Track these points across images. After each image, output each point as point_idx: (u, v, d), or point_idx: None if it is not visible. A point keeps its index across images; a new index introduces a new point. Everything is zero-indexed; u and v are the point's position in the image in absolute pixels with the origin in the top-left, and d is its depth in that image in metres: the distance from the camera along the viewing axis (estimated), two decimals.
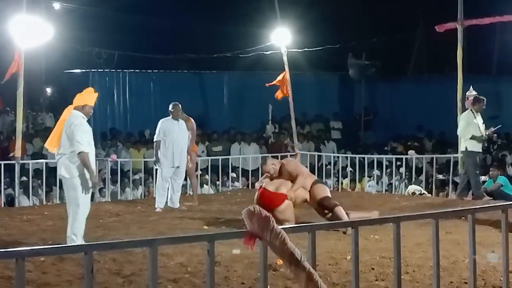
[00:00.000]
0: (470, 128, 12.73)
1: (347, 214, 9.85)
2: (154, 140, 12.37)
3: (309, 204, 10.26)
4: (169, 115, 12.39)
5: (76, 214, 8.54)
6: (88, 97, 8.95)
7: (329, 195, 10.28)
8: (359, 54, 24.54)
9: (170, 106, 12.44)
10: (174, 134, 12.21)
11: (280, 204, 9.82)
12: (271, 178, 10.20)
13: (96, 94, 9.12)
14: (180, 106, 12.43)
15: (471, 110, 12.98)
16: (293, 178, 10.08)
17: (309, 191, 10.17)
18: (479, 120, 12.87)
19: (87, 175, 8.49)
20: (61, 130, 8.69)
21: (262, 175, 10.72)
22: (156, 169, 12.67)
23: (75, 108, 8.83)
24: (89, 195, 8.75)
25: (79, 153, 8.47)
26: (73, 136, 8.50)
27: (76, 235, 8.54)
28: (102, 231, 9.61)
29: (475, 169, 12.85)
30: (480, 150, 12.89)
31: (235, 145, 20.56)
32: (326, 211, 10.08)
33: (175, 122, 12.32)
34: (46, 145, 9.05)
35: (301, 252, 3.53)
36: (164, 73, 24.41)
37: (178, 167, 12.25)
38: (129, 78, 22.97)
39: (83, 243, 8.41)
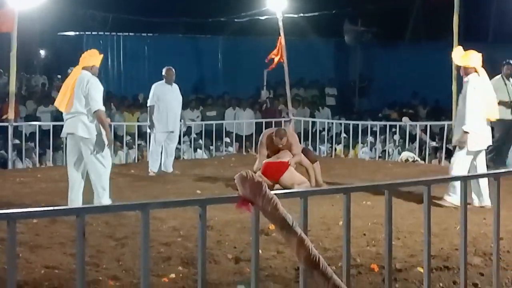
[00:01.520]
0: (498, 94, 12.33)
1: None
2: (148, 105, 12.32)
3: None
4: (163, 79, 12.34)
5: (102, 170, 8.61)
6: (95, 58, 8.99)
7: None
8: (355, 20, 24.42)
9: (164, 70, 12.39)
10: (168, 99, 12.18)
11: (284, 171, 10.07)
12: (268, 156, 10.45)
13: (102, 56, 9.16)
14: (173, 70, 12.38)
15: (501, 75, 12.83)
16: (291, 150, 10.42)
17: None
18: (509, 86, 12.63)
19: (103, 132, 8.60)
20: (72, 90, 8.67)
21: (256, 143, 10.81)
22: (150, 134, 12.65)
23: (83, 69, 8.83)
24: (109, 151, 8.82)
25: (95, 111, 8.52)
26: (89, 94, 8.56)
27: (104, 190, 8.63)
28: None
29: (506, 137, 12.41)
30: (510, 117, 12.40)
31: (229, 110, 20.54)
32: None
33: (169, 86, 12.28)
34: (56, 105, 9.01)
35: (293, 218, 3.54)
36: (158, 36, 24.28)
37: (172, 131, 12.24)
38: (124, 41, 22.85)
39: (109, 198, 8.54)
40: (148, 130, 12.76)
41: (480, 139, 8.91)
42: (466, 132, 8.79)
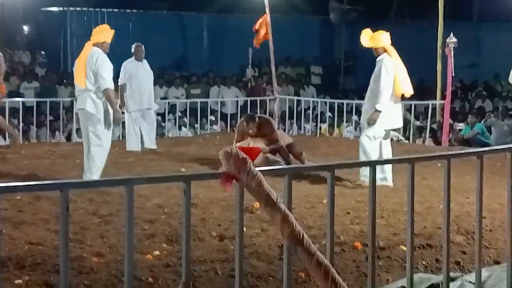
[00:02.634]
0: None
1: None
2: (119, 83, 12.00)
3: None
4: (132, 57, 12.21)
5: (98, 149, 8.69)
6: (107, 34, 9.01)
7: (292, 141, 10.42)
8: None
9: (133, 47, 12.27)
10: (140, 76, 12.06)
11: (254, 157, 9.82)
12: (243, 138, 10.23)
13: (113, 31, 9.12)
14: (143, 47, 12.25)
15: None
16: (268, 137, 10.14)
17: None
18: None
19: (111, 111, 8.68)
20: (84, 66, 8.71)
21: (237, 131, 10.57)
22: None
23: (94, 45, 8.85)
24: (110, 132, 8.91)
25: (104, 89, 8.59)
26: (99, 72, 8.62)
27: (95, 169, 8.69)
28: (78, 171, 9.57)
29: None
30: None
31: (214, 88, 20.49)
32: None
33: (139, 63, 12.17)
34: (76, 81, 9.00)
35: (277, 195, 3.54)
36: (143, 13, 24.12)
37: (147, 108, 12.16)
38: (108, 18, 22.64)
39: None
40: (121, 110, 12.64)
41: (392, 118, 8.97)
42: (378, 111, 8.83)
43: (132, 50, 12.23)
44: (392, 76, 8.85)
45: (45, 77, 20.82)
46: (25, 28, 27.71)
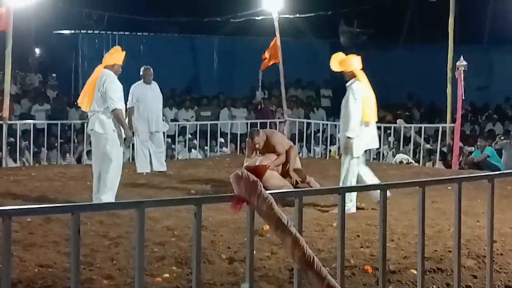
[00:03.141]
0: None
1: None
2: (128, 106, 11.83)
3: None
4: (141, 79, 12.25)
5: (108, 169, 8.73)
6: (117, 56, 9.11)
7: (300, 167, 10.25)
8: (350, 21, 24.44)
9: (141, 70, 12.30)
10: (148, 99, 12.09)
11: (262, 174, 9.70)
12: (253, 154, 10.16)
13: (124, 53, 9.21)
14: (151, 70, 12.30)
15: None
16: (275, 151, 10.02)
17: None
18: None
19: (121, 131, 8.78)
20: (93, 89, 8.85)
21: (247, 147, 10.51)
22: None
23: (105, 67, 8.98)
24: (121, 151, 8.98)
25: (113, 110, 8.68)
26: (107, 93, 8.71)
27: (109, 189, 8.71)
28: (89, 193, 9.59)
29: None
30: None
31: (224, 110, 20.53)
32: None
33: (148, 86, 12.20)
34: (79, 103, 9.22)
35: (287, 218, 3.54)
36: (154, 35, 24.26)
37: (155, 132, 12.18)
38: (119, 40, 22.78)
39: (113, 199, 8.58)
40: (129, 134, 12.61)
41: (364, 143, 8.89)
42: (350, 138, 8.78)
43: (141, 73, 12.27)
44: (360, 101, 8.79)
45: (56, 100, 20.94)
46: (37, 50, 27.93)
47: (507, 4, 18.91)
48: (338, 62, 9.07)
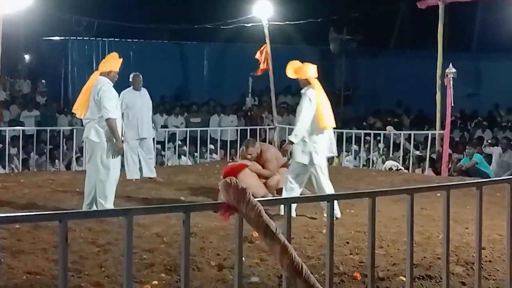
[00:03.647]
0: None
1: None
2: None
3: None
4: (131, 86, 12.23)
5: (106, 178, 8.68)
6: (114, 63, 9.03)
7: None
8: (340, 28, 24.48)
9: (131, 77, 12.26)
10: (137, 105, 12.08)
11: (239, 172, 9.79)
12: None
13: (121, 60, 9.14)
14: (140, 76, 12.28)
15: None
16: (265, 167, 10.05)
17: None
18: None
19: (114, 141, 8.72)
20: (88, 96, 8.81)
21: (240, 155, 10.53)
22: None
23: (101, 74, 8.93)
24: (119, 159, 8.93)
25: (106, 119, 8.64)
26: (101, 102, 8.67)
27: (105, 199, 8.65)
28: (78, 200, 9.57)
29: None
30: None
31: (214, 117, 20.53)
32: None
33: (137, 93, 12.18)
34: (74, 110, 9.17)
35: (276, 225, 3.54)
36: (144, 42, 24.25)
37: (144, 138, 12.17)
38: (109, 47, 22.75)
39: (112, 207, 8.52)
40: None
41: (323, 151, 8.84)
42: (291, 142, 8.82)
43: (130, 79, 12.25)
44: (314, 108, 8.79)
45: (45, 106, 20.88)
46: (27, 56, 27.86)
47: (496, 12, 19.02)
48: (293, 69, 9.14)
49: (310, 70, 9.10)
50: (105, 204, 8.64)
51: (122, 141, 10.54)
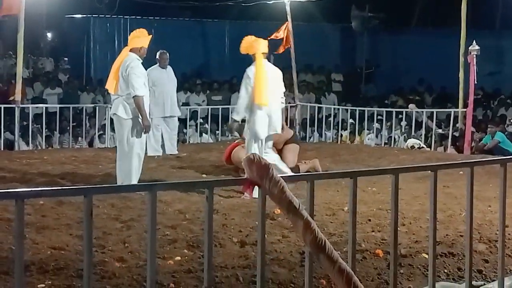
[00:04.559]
0: None
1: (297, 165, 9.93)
2: None
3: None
4: (157, 63, 12.23)
5: (131, 154, 8.69)
6: (144, 39, 8.98)
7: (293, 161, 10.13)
8: (362, 6, 24.32)
9: (157, 54, 12.27)
10: (163, 83, 12.09)
11: (233, 149, 9.94)
12: None
13: (150, 37, 9.09)
14: (167, 54, 12.27)
15: None
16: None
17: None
18: None
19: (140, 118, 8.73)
20: (117, 72, 8.77)
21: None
22: None
23: (131, 50, 8.89)
24: (144, 138, 8.93)
25: (134, 96, 8.64)
26: (129, 79, 8.66)
27: (129, 175, 8.66)
28: (101, 177, 9.65)
29: None
30: None
31: (235, 95, 20.51)
32: None
33: (163, 70, 12.20)
34: (107, 87, 9.12)
35: (299, 201, 3.55)
36: (165, 20, 24.21)
37: (170, 116, 12.19)
38: (130, 24, 22.74)
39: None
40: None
41: (261, 128, 8.80)
42: (234, 120, 8.92)
43: (157, 56, 12.26)
44: (251, 85, 8.75)
45: (68, 84, 20.99)
46: (49, 35, 27.95)
47: None
48: (243, 45, 9.13)
49: (256, 46, 9.06)
50: (133, 179, 8.65)
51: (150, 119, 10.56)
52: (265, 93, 8.77)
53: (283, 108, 9.29)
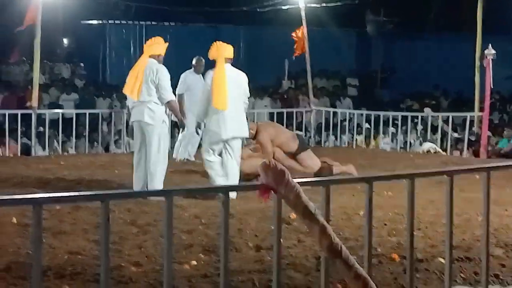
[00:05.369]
0: None
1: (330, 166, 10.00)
2: (178, 93, 11.72)
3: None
4: (191, 68, 12.22)
5: (157, 161, 8.68)
6: (161, 47, 9.02)
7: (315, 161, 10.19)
8: (377, 10, 24.32)
9: (194, 60, 12.27)
10: (199, 88, 11.85)
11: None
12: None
13: (167, 44, 9.14)
14: (203, 60, 12.24)
15: None
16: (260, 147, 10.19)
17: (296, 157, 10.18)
18: None
19: (168, 122, 8.95)
20: (141, 78, 8.71)
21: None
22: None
23: (150, 57, 8.87)
24: (168, 141, 9.03)
25: (168, 101, 8.70)
26: (160, 84, 8.66)
27: (157, 181, 8.63)
28: (118, 182, 9.68)
29: None
30: None
31: (250, 99, 20.52)
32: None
33: (198, 76, 12.15)
34: (127, 92, 8.93)
35: (315, 206, 3.55)
36: (181, 25, 24.31)
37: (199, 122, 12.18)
38: (146, 30, 22.88)
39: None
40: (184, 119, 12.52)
41: (213, 132, 8.84)
42: (199, 123, 9.04)
43: (193, 62, 12.24)
44: (208, 89, 8.81)
45: (84, 89, 21.09)
46: (65, 40, 28.11)
47: None
48: (210, 52, 9.27)
49: (218, 51, 9.17)
50: (155, 185, 8.64)
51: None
52: (222, 97, 8.80)
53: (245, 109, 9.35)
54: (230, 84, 8.91)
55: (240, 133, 9.03)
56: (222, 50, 9.15)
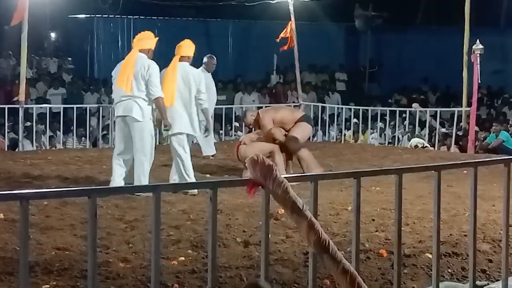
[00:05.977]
0: None
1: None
2: None
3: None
4: (202, 66, 11.97)
5: (143, 159, 8.57)
6: (151, 41, 8.93)
7: (300, 137, 10.11)
8: (366, 5, 24.31)
9: (205, 58, 12.04)
10: (210, 87, 11.62)
11: (238, 149, 10.03)
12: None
13: (157, 39, 9.07)
14: (215, 59, 12.07)
15: None
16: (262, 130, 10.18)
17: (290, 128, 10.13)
18: None
19: (154, 119, 8.74)
20: (132, 72, 8.59)
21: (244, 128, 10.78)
22: None
23: (140, 51, 8.76)
24: (153, 141, 8.85)
25: (156, 98, 8.59)
26: (150, 80, 8.58)
27: (144, 177, 8.52)
28: (105, 177, 9.65)
29: None
30: None
31: (238, 95, 20.53)
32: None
33: (208, 75, 11.94)
34: (122, 86, 8.69)
35: (303, 201, 3.55)
36: (169, 20, 24.22)
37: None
38: (134, 25, 22.77)
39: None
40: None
41: (175, 124, 8.85)
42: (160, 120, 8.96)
43: (205, 60, 12.06)
44: (160, 86, 8.78)
45: (71, 84, 21.01)
46: (53, 35, 28.00)
47: None
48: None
49: (177, 49, 9.24)
50: (141, 181, 8.58)
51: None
52: (169, 93, 8.79)
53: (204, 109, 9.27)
54: (180, 82, 8.93)
55: (185, 129, 8.98)
56: (179, 49, 9.22)
